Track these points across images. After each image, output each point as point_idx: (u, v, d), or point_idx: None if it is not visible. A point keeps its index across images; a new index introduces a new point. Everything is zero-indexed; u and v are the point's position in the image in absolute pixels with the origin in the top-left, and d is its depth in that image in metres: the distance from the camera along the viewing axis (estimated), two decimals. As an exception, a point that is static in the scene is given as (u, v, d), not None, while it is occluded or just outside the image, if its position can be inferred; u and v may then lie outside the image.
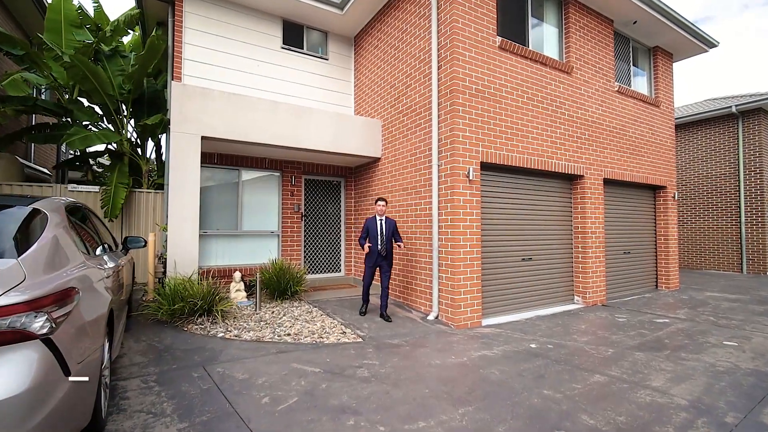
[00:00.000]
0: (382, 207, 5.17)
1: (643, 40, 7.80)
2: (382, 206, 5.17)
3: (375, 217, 5.19)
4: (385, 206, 5.19)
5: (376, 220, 5.17)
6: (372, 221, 5.18)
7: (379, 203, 5.19)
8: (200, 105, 5.39)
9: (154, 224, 6.92)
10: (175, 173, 5.16)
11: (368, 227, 5.16)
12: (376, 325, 4.88)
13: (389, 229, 5.14)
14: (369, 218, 5.22)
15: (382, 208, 5.15)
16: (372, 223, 5.17)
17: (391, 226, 5.17)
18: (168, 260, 5.11)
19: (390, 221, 5.21)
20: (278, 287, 5.92)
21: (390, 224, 5.18)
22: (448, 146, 5.13)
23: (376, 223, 5.15)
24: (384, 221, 5.17)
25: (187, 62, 6.44)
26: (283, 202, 7.30)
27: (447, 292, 5.07)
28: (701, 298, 7.06)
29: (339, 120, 6.62)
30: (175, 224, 5.14)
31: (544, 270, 6.21)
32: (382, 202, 5.20)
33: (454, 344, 4.25)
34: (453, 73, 5.08)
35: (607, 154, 6.87)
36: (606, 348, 4.22)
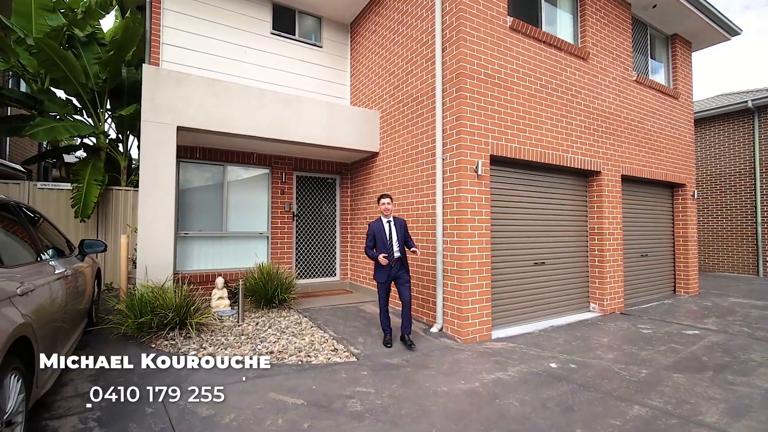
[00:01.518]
0: (388, 205, 4.14)
1: (661, 27, 7.25)
2: (387, 204, 4.14)
3: (380, 220, 4.17)
4: (392, 204, 4.19)
5: (382, 222, 4.14)
6: (378, 225, 4.14)
7: (384, 201, 4.15)
8: (176, 91, 4.81)
9: (126, 225, 6.33)
10: (147, 167, 4.58)
11: (374, 233, 4.12)
12: (372, 339, 4.30)
13: (400, 231, 4.15)
14: (373, 222, 4.19)
15: (388, 207, 4.14)
16: (378, 227, 4.13)
17: (401, 228, 4.17)
18: (138, 265, 4.52)
19: (399, 221, 4.21)
20: (265, 295, 5.34)
21: (400, 225, 4.17)
22: (454, 137, 4.56)
23: (384, 227, 4.11)
24: (393, 223, 4.16)
25: (166, 47, 5.87)
26: (273, 200, 6.72)
27: (453, 302, 4.50)
28: (726, 305, 6.51)
29: (332, 110, 6.05)
30: (147, 225, 4.56)
31: (558, 275, 5.65)
32: (387, 199, 4.16)
33: (462, 364, 3.68)
34: (459, 55, 4.51)
35: (625, 149, 6.31)
36: (638, 368, 3.65)
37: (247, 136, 5.32)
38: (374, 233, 4.12)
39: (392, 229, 4.12)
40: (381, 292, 4.12)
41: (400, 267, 4.11)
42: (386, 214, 4.16)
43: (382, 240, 4.09)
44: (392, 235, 4.10)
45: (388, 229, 4.13)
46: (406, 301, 4.08)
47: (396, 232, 4.11)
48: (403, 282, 4.10)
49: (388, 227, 4.14)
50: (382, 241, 4.09)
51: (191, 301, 4.40)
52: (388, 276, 4.07)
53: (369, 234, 4.16)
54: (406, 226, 4.24)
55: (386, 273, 4.05)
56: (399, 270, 4.10)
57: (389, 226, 4.14)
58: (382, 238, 4.09)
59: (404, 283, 4.11)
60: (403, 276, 4.11)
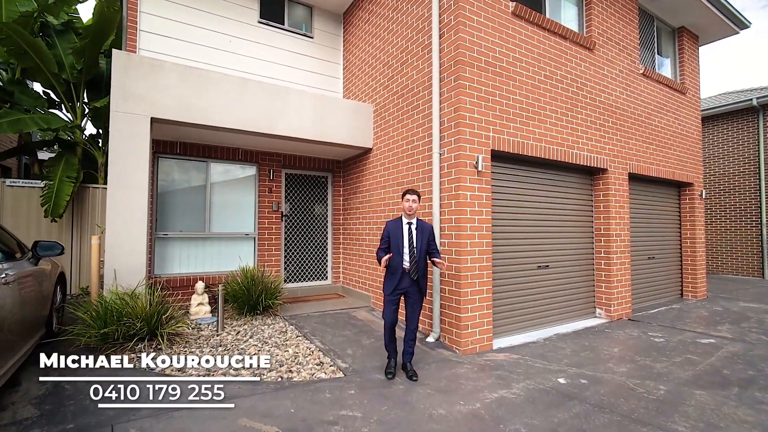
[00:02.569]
0: (413, 203, 3.35)
1: (668, 19, 6.94)
2: (412, 201, 3.35)
3: (401, 220, 3.41)
4: (418, 202, 3.42)
5: (402, 223, 3.38)
6: (396, 225, 3.38)
7: (409, 198, 3.36)
8: (150, 80, 4.41)
9: (95, 225, 5.91)
10: (117, 163, 4.18)
11: (389, 234, 3.37)
12: (362, 350, 3.92)
13: (423, 238, 3.35)
14: (391, 221, 3.46)
15: (412, 205, 3.35)
16: (396, 228, 3.37)
17: (426, 234, 3.38)
18: (105, 270, 4.12)
19: (425, 226, 3.42)
20: (248, 301, 4.95)
21: (424, 230, 3.39)
22: (453, 130, 4.20)
23: (402, 229, 3.35)
24: (415, 226, 3.38)
25: (144, 35, 5.47)
26: (260, 199, 6.33)
27: (451, 309, 4.13)
28: (737, 310, 6.18)
29: (322, 103, 5.67)
30: (116, 225, 4.16)
31: (562, 279, 5.30)
32: (413, 195, 3.38)
33: (461, 380, 3.31)
34: (458, 41, 4.15)
35: (632, 146, 5.97)
36: (655, 384, 3.30)
37: (229, 130, 4.93)
38: (389, 233, 3.37)
39: (412, 233, 3.35)
40: (387, 306, 3.36)
41: (414, 282, 3.33)
42: (410, 213, 3.37)
43: (398, 244, 3.31)
44: (412, 239, 3.33)
45: (407, 231, 3.35)
46: (412, 327, 3.38)
47: (416, 238, 3.34)
48: (413, 302, 3.36)
49: (407, 230, 3.35)
50: (397, 246, 3.31)
51: (164, 308, 4.01)
52: (397, 288, 3.30)
53: (383, 234, 3.43)
54: (432, 233, 3.45)
55: (394, 284, 3.30)
56: (412, 285, 3.33)
57: (409, 228, 3.36)
58: (397, 242, 3.31)
59: (414, 305, 3.37)
60: (413, 294, 3.34)
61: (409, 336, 3.39)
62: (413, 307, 3.37)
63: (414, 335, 3.39)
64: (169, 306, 4.16)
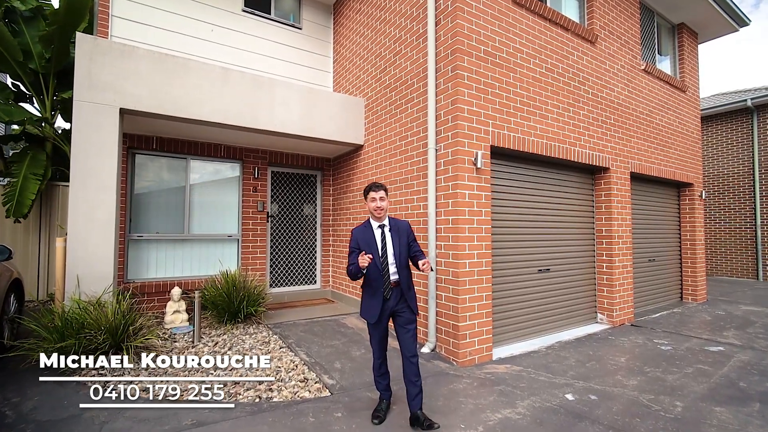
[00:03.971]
0: (381, 201, 2.61)
1: (668, 14, 6.75)
2: (379, 200, 2.61)
3: (368, 224, 2.68)
4: (386, 199, 2.67)
5: (371, 228, 2.65)
6: (363, 233, 2.65)
7: (374, 195, 2.62)
8: (119, 67, 4.03)
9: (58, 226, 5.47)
10: (80, 158, 3.78)
11: (358, 242, 2.62)
12: (352, 364, 3.58)
13: (401, 240, 2.63)
14: (357, 228, 2.72)
15: (380, 205, 2.61)
16: (364, 235, 2.63)
17: (403, 234, 2.66)
18: (67, 275, 3.72)
19: (400, 225, 2.69)
20: (228, 308, 4.58)
21: (401, 230, 2.67)
22: (450, 124, 3.90)
23: (373, 234, 2.63)
24: (388, 228, 2.66)
25: (116, 21, 5.07)
26: (244, 199, 5.95)
27: (448, 317, 3.82)
28: (740, 314, 6.00)
29: (310, 96, 5.33)
30: (80, 227, 3.76)
31: (563, 284, 5.03)
32: (380, 192, 2.62)
33: (460, 397, 3.00)
34: (456, 28, 3.86)
35: (633, 144, 5.75)
36: (670, 399, 3.03)
37: (208, 123, 4.56)
38: (358, 244, 2.62)
39: (386, 238, 2.62)
40: (373, 338, 2.63)
41: (399, 297, 2.58)
42: (378, 214, 2.62)
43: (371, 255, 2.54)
44: (385, 245, 2.60)
45: (380, 237, 2.62)
46: (408, 353, 2.52)
47: (393, 242, 2.61)
48: (404, 322, 2.57)
49: (380, 235, 2.63)
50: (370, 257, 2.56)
51: (133, 317, 3.63)
52: (381, 311, 2.53)
53: (351, 245, 2.66)
54: (410, 231, 2.72)
55: (378, 306, 2.53)
56: (398, 302, 2.57)
57: (382, 232, 2.64)
58: (369, 252, 2.54)
59: (406, 324, 2.56)
60: (404, 313, 2.57)
61: (411, 369, 2.49)
62: (406, 328, 2.57)
63: (416, 367, 2.51)
64: (139, 315, 3.79)
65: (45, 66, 5.87)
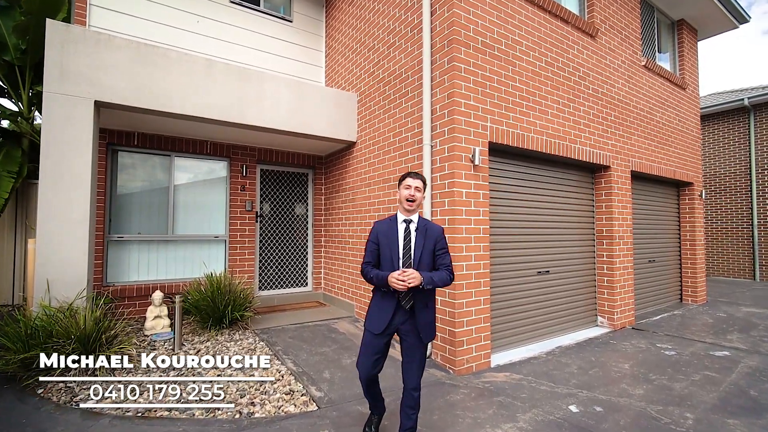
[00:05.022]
0: (415, 192, 2.22)
1: (668, 10, 6.61)
2: (415, 190, 2.23)
3: (395, 218, 2.28)
4: (423, 191, 2.26)
5: (396, 222, 2.26)
6: (388, 226, 2.26)
7: (411, 183, 2.23)
8: (94, 56, 3.77)
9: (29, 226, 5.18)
10: (51, 154, 3.52)
11: (378, 237, 2.24)
12: (342, 374, 3.37)
13: (427, 245, 2.20)
14: (381, 221, 2.31)
15: (414, 194, 2.22)
16: (388, 229, 2.24)
17: (432, 239, 2.22)
18: (36, 279, 3.46)
19: (431, 227, 2.26)
20: (213, 313, 4.34)
21: (430, 233, 2.23)
22: (446, 119, 3.69)
23: (397, 231, 2.23)
24: (416, 226, 2.24)
25: (95, 10, 4.81)
26: (232, 198, 5.70)
27: (444, 323, 3.62)
28: (741, 316, 5.87)
29: (300, 90, 5.10)
30: (50, 227, 3.50)
31: (563, 286, 4.86)
32: (417, 181, 2.24)
33: (457, 410, 2.79)
34: (453, 17, 3.65)
35: (634, 142, 5.60)
36: (680, 410, 2.85)
37: (191, 117, 4.31)
38: (377, 238, 2.23)
39: (411, 236, 2.20)
40: (364, 349, 2.22)
41: (410, 315, 2.15)
42: (408, 206, 2.22)
43: (389, 254, 2.18)
44: (409, 247, 2.18)
45: (402, 233, 2.21)
46: (408, 380, 2.16)
47: (417, 243, 2.18)
48: (408, 347, 2.18)
49: (404, 230, 2.21)
50: (389, 257, 2.18)
51: (108, 324, 3.39)
52: (388, 324, 2.14)
53: (370, 238, 2.27)
54: (440, 238, 2.24)
55: (385, 317, 2.15)
56: (408, 320, 2.16)
57: (406, 229, 2.21)
58: (388, 251, 2.18)
59: (410, 350, 2.18)
60: (408, 336, 2.16)
61: (408, 402, 2.16)
62: (411, 354, 2.17)
63: (416, 401, 2.17)
64: (115, 321, 3.55)
65: (21, 58, 5.58)
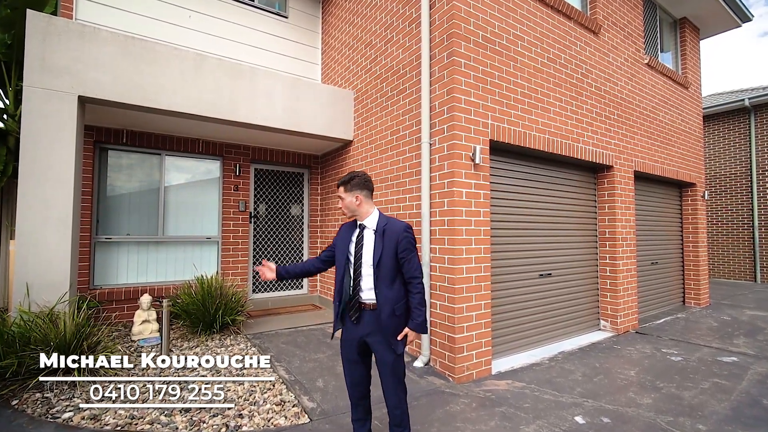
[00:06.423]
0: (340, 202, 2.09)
1: (670, 8, 6.51)
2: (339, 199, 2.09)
3: (353, 224, 2.12)
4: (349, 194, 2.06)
5: (352, 228, 2.11)
6: (345, 231, 2.13)
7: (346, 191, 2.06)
8: (78, 50, 3.61)
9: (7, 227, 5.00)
10: (30, 151, 3.37)
11: (336, 240, 2.15)
12: (336, 381, 3.21)
13: (384, 249, 1.96)
14: (343, 225, 2.18)
15: (340, 206, 2.10)
16: (344, 234, 2.12)
17: (392, 240, 1.97)
18: (16, 283, 3.29)
19: (390, 227, 2.01)
20: (203, 317, 4.17)
21: (389, 234, 1.98)
22: (445, 116, 3.55)
23: (351, 238, 2.08)
24: (373, 230, 2.03)
25: (82, 3, 4.67)
26: (225, 198, 5.54)
27: (443, 328, 3.47)
28: (746, 320, 5.75)
29: (295, 87, 4.95)
30: (29, 228, 3.34)
31: (565, 289, 4.72)
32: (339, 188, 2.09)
33: (457, 422, 2.64)
34: (453, 10, 3.51)
35: (636, 141, 5.47)
36: (691, 422, 2.71)
37: (180, 114, 4.15)
38: (335, 242, 2.15)
39: (363, 241, 2.01)
40: (346, 372, 2.09)
41: (374, 323, 1.95)
42: (353, 210, 2.07)
43: (341, 259, 2.07)
44: (360, 251, 2.00)
45: (355, 238, 2.05)
46: (389, 403, 2.01)
47: (374, 249, 1.97)
48: (379, 361, 1.98)
49: (356, 237, 2.04)
50: (341, 262, 2.07)
51: (91, 329, 3.22)
52: (347, 336, 2.01)
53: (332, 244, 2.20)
54: (402, 238, 1.97)
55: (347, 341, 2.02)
56: (370, 331, 1.96)
57: (359, 234, 2.04)
58: (340, 255, 2.08)
59: (382, 364, 1.98)
60: (378, 348, 1.96)
61: (392, 420, 2.02)
62: (382, 370, 1.97)
63: (399, 418, 2.00)
64: (99, 326, 3.38)
65: (6, 53, 5.40)
